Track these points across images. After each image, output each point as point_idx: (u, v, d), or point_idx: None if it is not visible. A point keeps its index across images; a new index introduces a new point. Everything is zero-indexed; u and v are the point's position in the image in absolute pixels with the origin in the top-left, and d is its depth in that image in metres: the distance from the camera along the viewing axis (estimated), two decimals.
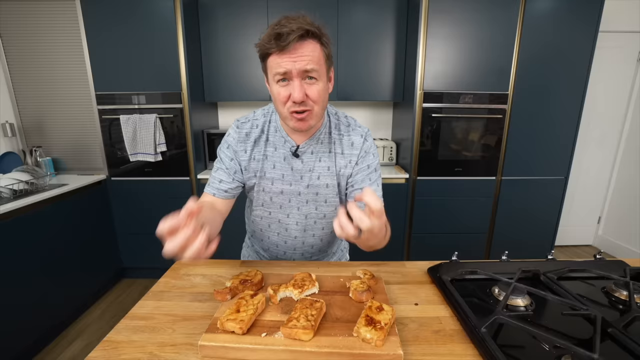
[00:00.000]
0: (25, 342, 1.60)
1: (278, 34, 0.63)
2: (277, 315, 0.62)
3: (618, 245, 2.70)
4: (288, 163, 0.82)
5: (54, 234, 1.78)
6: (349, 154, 0.84)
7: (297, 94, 0.67)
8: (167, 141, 2.13)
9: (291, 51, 0.65)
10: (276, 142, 0.82)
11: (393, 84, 2.30)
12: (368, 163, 0.84)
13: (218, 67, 2.26)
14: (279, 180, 0.84)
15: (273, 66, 0.67)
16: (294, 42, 0.63)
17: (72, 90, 2.23)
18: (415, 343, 0.59)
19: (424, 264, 0.88)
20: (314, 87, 0.69)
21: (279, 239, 0.92)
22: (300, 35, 0.64)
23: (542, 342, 0.57)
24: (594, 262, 0.86)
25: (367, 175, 0.84)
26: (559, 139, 2.14)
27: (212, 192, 0.84)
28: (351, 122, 0.86)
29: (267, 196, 0.86)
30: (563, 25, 1.97)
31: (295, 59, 0.65)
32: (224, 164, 0.84)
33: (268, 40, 0.65)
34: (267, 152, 0.83)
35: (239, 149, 0.83)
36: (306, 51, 0.66)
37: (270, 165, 0.83)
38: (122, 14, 1.96)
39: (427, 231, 2.25)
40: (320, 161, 0.83)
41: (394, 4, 2.16)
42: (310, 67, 0.66)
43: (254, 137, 0.82)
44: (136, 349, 0.58)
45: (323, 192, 0.85)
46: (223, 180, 0.84)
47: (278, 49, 0.64)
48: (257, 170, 0.84)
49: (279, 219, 0.89)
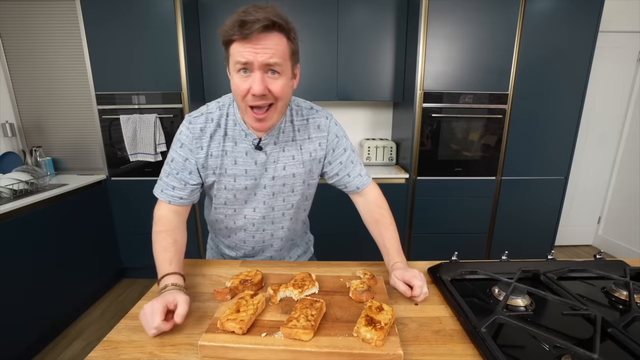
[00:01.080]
0: (25, 342, 1.60)
1: (242, 21, 0.60)
2: (277, 315, 0.62)
3: (618, 245, 2.70)
4: (251, 157, 0.78)
5: (54, 234, 1.78)
6: (317, 136, 0.83)
7: (257, 86, 0.64)
8: (167, 141, 2.13)
9: (254, 41, 0.62)
10: (236, 136, 0.77)
11: (393, 84, 2.30)
12: (344, 147, 0.86)
13: (218, 67, 2.26)
14: (242, 176, 0.79)
15: (234, 54, 0.64)
16: (257, 31, 0.60)
17: (72, 90, 2.23)
18: (415, 343, 0.59)
19: (424, 264, 0.88)
20: (277, 81, 0.66)
21: (246, 235, 0.89)
22: (265, 26, 0.61)
23: (542, 342, 0.57)
24: (594, 262, 0.86)
25: (349, 159, 0.86)
26: (559, 139, 2.14)
27: (168, 200, 0.79)
28: (313, 105, 0.85)
29: (229, 194, 0.81)
30: (563, 25, 1.97)
31: (258, 50, 0.62)
32: (176, 167, 0.78)
33: (231, 27, 0.62)
34: (226, 148, 0.78)
35: (194, 147, 0.76)
36: (270, 43, 0.63)
37: (231, 161, 0.78)
38: (122, 14, 1.96)
39: (427, 231, 2.25)
40: (284, 151, 0.80)
41: (394, 4, 2.16)
42: (273, 60, 0.63)
43: (210, 131, 0.77)
44: (136, 349, 0.58)
45: (290, 182, 0.83)
46: (176, 187, 0.79)
47: (241, 36, 0.61)
48: (216, 167, 0.79)
49: (244, 215, 0.85)
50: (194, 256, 1.57)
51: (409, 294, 0.70)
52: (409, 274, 0.72)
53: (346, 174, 0.87)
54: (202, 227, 2.28)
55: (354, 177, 0.87)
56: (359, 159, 0.89)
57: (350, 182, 0.87)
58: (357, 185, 0.87)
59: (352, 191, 0.89)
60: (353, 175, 0.87)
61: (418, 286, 0.69)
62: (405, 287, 0.71)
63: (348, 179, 0.87)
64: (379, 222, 0.85)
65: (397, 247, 0.82)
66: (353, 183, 0.87)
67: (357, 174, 0.87)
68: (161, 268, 0.69)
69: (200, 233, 2.29)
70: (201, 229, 2.29)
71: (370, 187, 0.89)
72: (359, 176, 0.87)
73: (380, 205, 0.87)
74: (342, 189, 0.91)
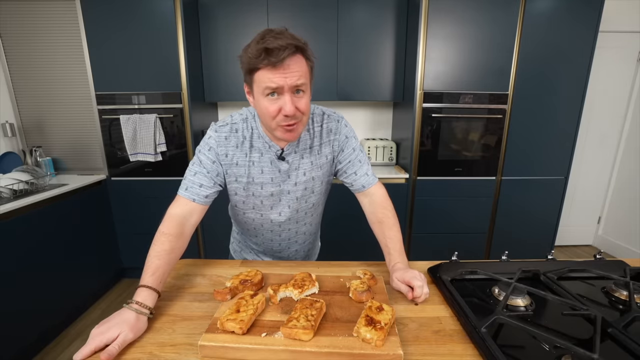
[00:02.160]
0: (25, 342, 1.60)
1: (268, 49, 0.64)
2: (277, 315, 0.63)
3: (618, 245, 2.70)
4: (275, 166, 0.84)
5: (54, 233, 1.78)
6: (330, 140, 0.88)
7: (289, 108, 0.69)
8: (167, 141, 2.13)
9: (283, 67, 0.66)
10: (261, 148, 0.83)
11: (393, 84, 2.30)
12: (353, 146, 0.90)
13: (218, 67, 2.26)
14: (269, 184, 0.86)
15: (263, 80, 0.68)
16: (287, 58, 0.66)
17: (72, 90, 2.23)
18: (415, 343, 0.59)
19: (424, 264, 0.88)
20: (303, 100, 0.72)
21: (272, 235, 0.96)
22: (291, 52, 0.66)
23: (542, 342, 0.57)
24: (594, 262, 0.86)
25: (357, 158, 0.90)
26: (559, 139, 2.14)
27: (192, 198, 0.81)
28: (324, 110, 0.89)
29: (257, 200, 0.88)
30: (563, 25, 1.97)
31: (286, 75, 0.67)
32: (205, 167, 0.82)
33: (257, 55, 0.66)
34: (252, 158, 0.83)
35: (220, 152, 0.82)
36: (296, 67, 0.68)
37: (258, 170, 0.84)
38: (122, 14, 1.96)
39: (427, 231, 2.25)
40: (303, 158, 0.86)
41: (394, 4, 2.16)
42: (300, 82, 0.69)
43: (235, 141, 0.82)
44: (136, 349, 0.58)
45: (310, 186, 0.89)
46: (204, 185, 0.81)
47: (270, 64, 0.66)
48: (241, 175, 0.84)
49: (271, 219, 0.92)
50: (194, 256, 1.58)
51: (411, 296, 0.71)
52: (409, 275, 0.73)
53: (353, 172, 0.90)
54: (202, 227, 2.28)
55: (360, 175, 0.90)
56: (367, 160, 0.93)
57: (356, 180, 0.90)
58: (363, 184, 0.90)
59: (357, 189, 0.92)
60: (360, 173, 0.90)
61: (418, 287, 0.71)
62: (406, 289, 0.72)
63: (355, 177, 0.90)
64: (383, 223, 0.87)
65: (399, 248, 0.83)
66: (359, 181, 0.90)
67: (363, 173, 0.90)
68: (144, 275, 0.68)
69: (200, 233, 2.29)
70: (202, 229, 2.29)
71: (376, 188, 0.91)
72: (365, 175, 0.90)
73: (385, 207, 0.89)
74: (348, 186, 0.94)
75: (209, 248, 2.32)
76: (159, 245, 0.73)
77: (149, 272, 0.68)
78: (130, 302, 0.63)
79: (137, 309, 0.62)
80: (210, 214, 0.91)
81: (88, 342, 0.57)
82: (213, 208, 0.92)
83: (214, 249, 2.31)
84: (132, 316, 0.60)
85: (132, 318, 0.60)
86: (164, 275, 0.71)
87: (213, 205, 0.86)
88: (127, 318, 0.60)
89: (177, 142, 2.15)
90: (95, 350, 0.56)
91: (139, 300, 0.63)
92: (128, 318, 0.60)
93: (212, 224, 2.17)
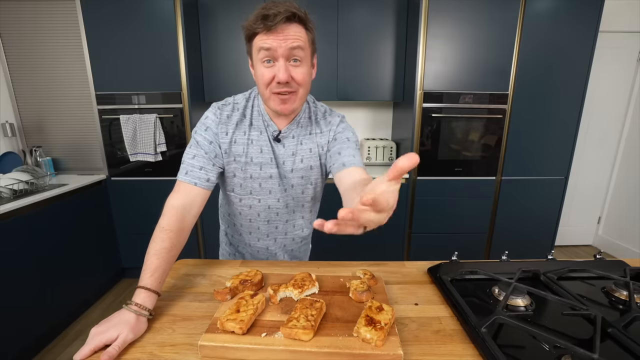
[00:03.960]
0: (25, 342, 1.60)
1: (265, 14, 0.66)
2: (277, 315, 0.62)
3: (618, 245, 2.70)
4: (272, 147, 0.83)
5: (54, 234, 1.78)
6: (328, 130, 0.87)
7: (282, 74, 0.69)
8: (167, 141, 2.13)
9: (278, 31, 0.67)
10: (260, 126, 0.82)
11: (393, 84, 2.30)
12: (347, 136, 0.84)
13: (218, 67, 2.26)
14: (268, 164, 0.83)
15: (258, 43, 0.69)
16: (280, 22, 0.66)
17: (72, 90, 2.23)
18: (415, 343, 0.59)
19: (424, 264, 0.88)
20: (299, 69, 0.71)
21: (269, 227, 0.92)
22: (287, 17, 0.66)
23: (542, 342, 0.57)
24: (594, 262, 0.86)
25: (348, 146, 0.81)
26: (559, 139, 2.14)
27: (193, 182, 0.77)
28: (327, 109, 0.90)
29: (255, 182, 0.85)
30: (563, 25, 1.97)
31: (280, 38, 0.67)
32: (202, 148, 0.79)
33: (255, 21, 0.67)
34: (252, 137, 0.82)
35: (219, 131, 0.80)
36: (291, 32, 0.68)
37: (257, 149, 0.82)
38: (122, 14, 1.96)
39: (427, 231, 2.25)
40: (301, 144, 0.84)
41: (394, 4, 2.16)
42: (295, 44, 0.68)
43: (235, 119, 0.81)
44: (136, 349, 0.58)
45: (307, 175, 0.87)
46: (204, 168, 0.78)
47: (265, 28, 0.66)
48: (239, 154, 0.82)
49: (268, 205, 0.88)
50: (194, 256, 1.58)
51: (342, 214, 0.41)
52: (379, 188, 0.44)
53: (337, 151, 0.81)
54: (202, 227, 2.28)
55: (344, 155, 0.79)
56: (359, 152, 0.82)
57: (338, 159, 0.80)
58: (344, 162, 0.78)
59: (337, 169, 0.79)
60: (344, 154, 0.80)
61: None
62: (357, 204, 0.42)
63: (337, 157, 0.80)
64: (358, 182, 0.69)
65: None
66: (340, 160, 0.79)
67: (349, 154, 0.79)
68: (143, 275, 0.67)
69: (200, 233, 2.29)
70: (202, 229, 2.29)
71: (360, 170, 0.75)
72: (350, 156, 0.79)
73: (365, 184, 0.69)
74: (330, 171, 0.84)
75: (209, 248, 2.32)
76: (159, 243, 0.71)
77: (148, 272, 0.67)
78: (130, 303, 0.63)
79: (137, 311, 0.62)
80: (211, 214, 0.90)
81: (87, 341, 0.57)
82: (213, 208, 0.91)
83: (214, 249, 2.31)
84: (132, 317, 0.60)
85: (132, 319, 0.60)
86: (164, 275, 0.70)
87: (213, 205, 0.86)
88: (127, 319, 0.60)
89: (177, 142, 2.15)
90: (94, 350, 0.56)
91: (139, 302, 0.63)
92: (128, 319, 0.60)
93: (212, 223, 2.17)
